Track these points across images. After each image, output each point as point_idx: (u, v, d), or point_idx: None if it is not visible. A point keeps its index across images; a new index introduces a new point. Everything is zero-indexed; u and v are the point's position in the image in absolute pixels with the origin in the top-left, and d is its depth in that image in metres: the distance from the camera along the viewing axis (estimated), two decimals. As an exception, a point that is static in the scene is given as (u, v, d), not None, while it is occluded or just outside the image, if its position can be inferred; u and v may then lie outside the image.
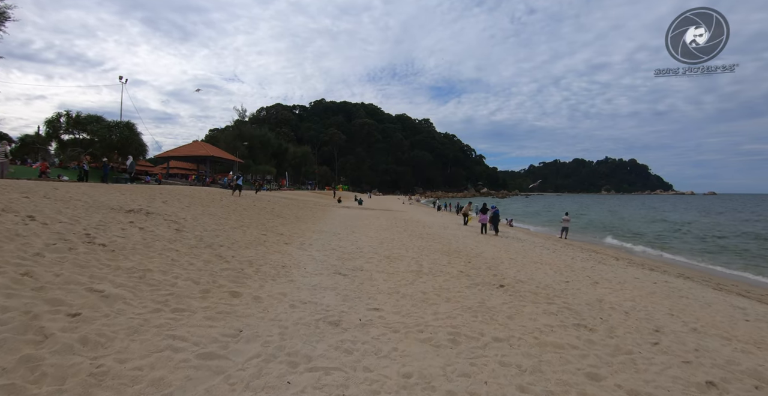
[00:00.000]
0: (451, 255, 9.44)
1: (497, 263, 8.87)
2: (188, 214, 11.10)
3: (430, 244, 11.33)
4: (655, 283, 9.13)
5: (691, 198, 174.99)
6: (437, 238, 13.21)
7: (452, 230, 17.12)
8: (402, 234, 13.51)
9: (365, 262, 7.41)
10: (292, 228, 12.34)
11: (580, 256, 13.04)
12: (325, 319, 3.92)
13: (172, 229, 8.12)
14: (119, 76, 43.75)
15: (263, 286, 5.00)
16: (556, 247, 14.76)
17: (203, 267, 5.58)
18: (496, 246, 12.64)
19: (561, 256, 12.31)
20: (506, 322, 4.41)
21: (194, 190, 20.11)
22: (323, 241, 10.15)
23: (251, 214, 14.15)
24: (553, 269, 9.02)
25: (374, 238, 11.51)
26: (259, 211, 16.06)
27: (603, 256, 14.20)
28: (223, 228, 9.69)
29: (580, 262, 11.43)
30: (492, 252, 10.90)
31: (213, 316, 3.80)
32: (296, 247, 8.65)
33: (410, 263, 7.69)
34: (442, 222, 22.45)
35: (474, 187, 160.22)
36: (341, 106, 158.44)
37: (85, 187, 14.73)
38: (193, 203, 14.04)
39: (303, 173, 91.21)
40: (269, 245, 8.34)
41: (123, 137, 35.87)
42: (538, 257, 11.04)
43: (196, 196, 16.93)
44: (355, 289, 5.28)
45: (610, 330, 4.73)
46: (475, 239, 14.07)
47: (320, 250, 8.52)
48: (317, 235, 11.39)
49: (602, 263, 11.82)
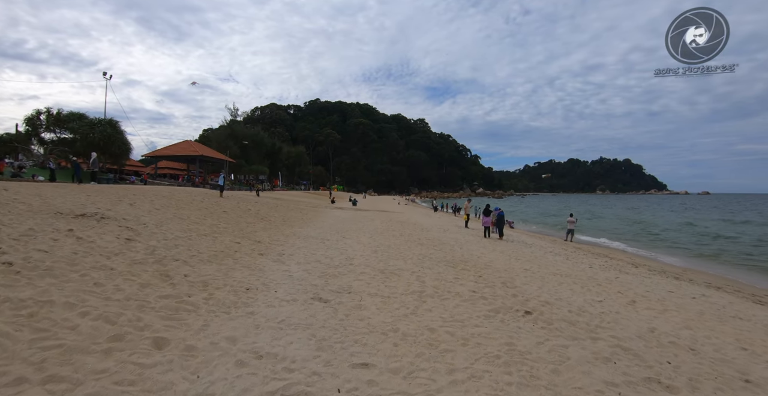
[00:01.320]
0: (456, 266, 8.07)
1: (512, 276, 7.51)
2: (154, 218, 9.64)
3: (431, 251, 9.95)
4: (694, 299, 7.83)
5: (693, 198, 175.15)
6: (438, 243, 11.84)
7: (453, 233, 15.76)
8: (399, 239, 12.13)
9: (355, 280, 6.00)
10: (275, 233, 10.91)
11: (597, 263, 11.73)
12: (284, 394, 2.51)
13: (120, 239, 6.67)
14: (103, 72, 42.03)
15: (207, 326, 3.58)
16: (567, 253, 13.45)
17: (134, 294, 4.16)
18: (504, 253, 11.30)
19: (577, 263, 10.99)
20: (553, 382, 3.04)
21: (176, 191, 18.58)
22: (308, 249, 8.73)
23: (231, 218, 12.70)
24: (577, 283, 7.68)
25: (367, 245, 10.12)
26: (242, 213, 14.62)
27: (619, 262, 12.91)
28: (189, 235, 8.24)
29: (600, 271, 10.11)
30: (502, 261, 9.54)
31: (103, 391, 2.38)
32: (273, 258, 7.22)
33: (410, 280, 6.30)
34: (440, 224, 21.09)
35: (470, 187, 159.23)
36: (336, 106, 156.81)
37: (49, 187, 13.20)
38: (166, 205, 12.56)
39: (297, 173, 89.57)
40: (239, 257, 6.91)
41: (105, 135, 34.11)
42: (554, 266, 9.70)
43: (175, 197, 15.43)
44: (338, 325, 3.87)
45: (692, 386, 3.39)
46: (480, 245, 12.72)
47: (301, 262, 7.11)
48: (302, 241, 9.97)
49: (624, 272, 10.51)
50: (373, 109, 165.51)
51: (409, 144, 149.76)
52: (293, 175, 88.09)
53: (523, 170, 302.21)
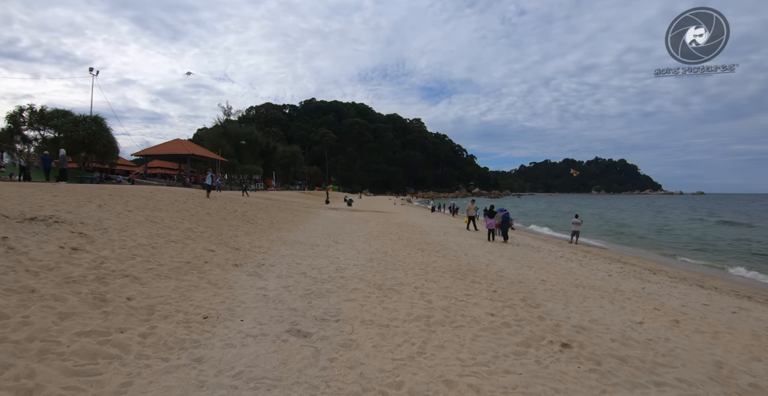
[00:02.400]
0: (465, 277, 7.01)
1: (530, 290, 6.46)
2: (120, 221, 8.49)
3: (434, 259, 8.89)
4: (734, 313, 6.83)
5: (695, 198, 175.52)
6: (440, 248, 10.78)
7: (454, 236, 14.72)
8: (397, 244, 11.06)
9: (345, 299, 4.92)
10: (258, 238, 9.79)
11: (614, 269, 10.73)
12: None
13: (65, 249, 5.54)
14: (90, 67, 40.65)
15: (127, 386, 2.47)
16: (579, 258, 12.44)
17: (44, 330, 3.05)
18: (513, 259, 10.26)
19: (594, 271, 9.97)
20: None
21: (161, 191, 17.35)
22: (293, 258, 7.63)
23: (212, 220, 11.56)
24: (604, 297, 6.65)
25: (362, 252, 9.03)
26: (227, 215, 13.48)
27: (634, 267, 11.91)
28: (155, 242, 7.11)
29: (621, 279, 9.10)
30: (514, 269, 8.49)
31: None
32: (249, 271, 6.11)
33: (413, 298, 5.22)
34: (440, 225, 20.04)
35: (466, 187, 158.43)
36: (332, 106, 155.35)
37: (14, 187, 12.00)
38: (142, 206, 11.40)
39: (292, 173, 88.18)
40: (208, 270, 5.79)
41: (90, 133, 32.72)
42: (571, 275, 8.67)
43: (155, 197, 14.24)
44: (318, 380, 2.78)
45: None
46: (485, 249, 11.68)
47: (283, 275, 6.00)
48: (288, 248, 8.86)
49: (646, 280, 9.50)
50: (369, 108, 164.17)
51: (405, 144, 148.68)
52: (288, 174, 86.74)
53: (518, 170, 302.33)
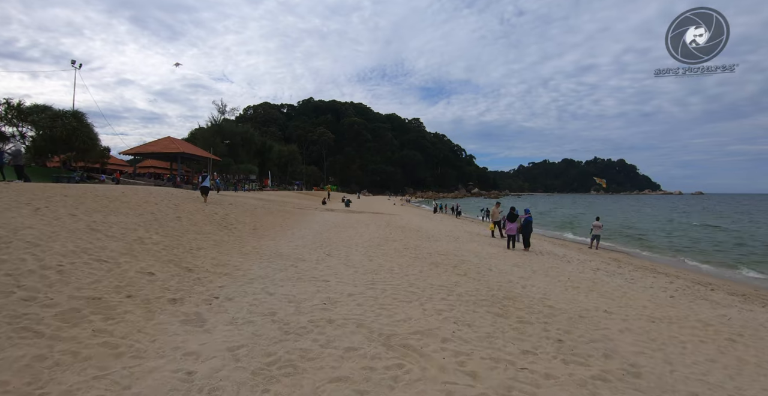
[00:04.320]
0: (506, 311, 5.00)
1: (604, 333, 4.46)
2: (44, 230, 6.45)
3: (455, 278, 6.88)
4: None
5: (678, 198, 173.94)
6: (457, 262, 8.78)
7: (466, 243, 12.72)
8: (404, 256, 9.05)
9: (330, 380, 2.88)
10: (228, 251, 7.76)
11: (666, 285, 8.73)
12: None
13: None
14: (72, 60, 38.53)
15: None
16: (617, 270, 10.45)
17: None
18: (549, 274, 8.27)
19: (647, 289, 7.96)
20: None
21: (138, 191, 15.11)
22: (264, 284, 5.60)
23: (179, 227, 9.53)
24: (706, 341, 4.65)
25: (361, 271, 7.02)
26: (202, 219, 11.45)
27: (686, 282, 9.93)
28: (72, 261, 5.07)
29: (688, 302, 7.10)
30: (559, 292, 6.50)
31: None
32: (186, 313, 4.05)
33: (446, 368, 3.18)
34: (446, 230, 18.03)
35: (465, 188, 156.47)
36: (330, 105, 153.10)
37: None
38: (95, 210, 9.32)
39: (290, 173, 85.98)
40: (120, 313, 3.75)
41: (69, 129, 30.55)
42: (634, 300, 6.67)
43: (124, 198, 12.11)
44: None
45: None
46: (510, 261, 9.68)
47: (238, 322, 3.94)
48: (263, 266, 6.83)
49: (720, 304, 7.51)
50: (368, 108, 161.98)
51: (404, 144, 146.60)
52: (285, 174, 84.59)
53: (517, 170, 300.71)
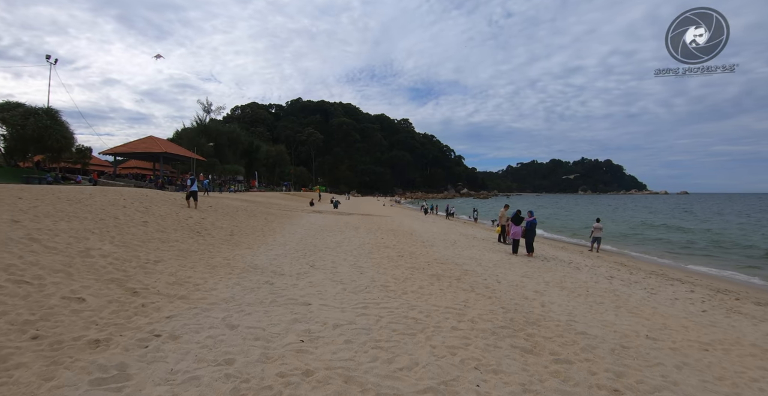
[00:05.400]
0: (533, 344, 3.98)
1: (652, 364, 3.46)
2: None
3: (463, 296, 5.84)
4: None
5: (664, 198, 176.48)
6: (460, 273, 7.76)
7: (466, 248, 11.74)
8: (399, 266, 7.99)
9: None
10: (191, 265, 6.59)
11: (688, 295, 7.84)
12: None
13: None
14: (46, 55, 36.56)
15: None
16: (631, 277, 9.56)
17: None
18: (564, 286, 7.30)
19: (673, 302, 7.05)
20: None
21: (106, 192, 13.62)
22: (227, 311, 4.47)
23: (145, 232, 8.30)
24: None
25: (350, 288, 5.94)
26: (171, 224, 10.21)
27: (706, 290, 9.09)
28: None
29: (722, 317, 6.20)
30: (584, 310, 5.51)
31: None
32: (106, 363, 2.91)
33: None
34: (441, 232, 17.04)
35: (454, 188, 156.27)
36: (319, 106, 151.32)
37: None
38: (46, 215, 8.03)
39: (278, 174, 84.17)
40: (8, 371, 2.61)
41: (40, 127, 28.71)
42: (668, 319, 5.73)
43: (89, 202, 10.77)
44: None
45: None
46: (517, 270, 8.70)
47: (173, 381, 2.78)
48: (230, 284, 5.69)
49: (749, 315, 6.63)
50: (357, 108, 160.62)
51: (393, 144, 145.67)
52: (273, 175, 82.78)
53: (505, 171, 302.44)
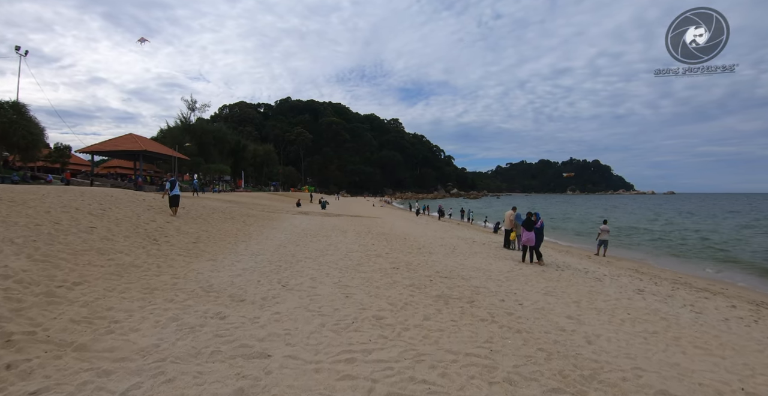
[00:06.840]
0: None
1: None
2: None
3: (484, 332, 4.44)
4: None
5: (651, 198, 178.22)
6: (470, 290, 6.36)
7: (468, 256, 10.38)
8: (394, 285, 6.55)
9: None
10: (125, 285, 5.04)
11: (743, 315, 6.58)
12: None
13: None
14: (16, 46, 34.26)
15: None
16: (672, 294, 8.29)
17: None
18: (600, 309, 5.94)
19: (729, 325, 5.76)
20: None
21: (70, 192, 11.70)
22: (137, 376, 2.96)
23: (84, 241, 6.70)
24: None
25: (329, 322, 4.48)
26: (129, 228, 8.60)
27: (742, 303, 7.87)
28: None
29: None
30: (643, 348, 4.15)
31: None
32: None
33: None
34: (437, 236, 15.65)
35: (444, 188, 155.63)
36: (308, 105, 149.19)
37: None
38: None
39: (266, 174, 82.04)
40: None
41: (4, 122, 26.58)
42: (743, 352, 4.41)
43: (33, 203, 9.01)
44: None
45: None
46: (535, 285, 7.34)
47: None
48: (159, 323, 4.18)
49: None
50: (346, 108, 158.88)
51: (383, 144, 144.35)
52: (261, 175, 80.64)
53: (495, 171, 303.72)
